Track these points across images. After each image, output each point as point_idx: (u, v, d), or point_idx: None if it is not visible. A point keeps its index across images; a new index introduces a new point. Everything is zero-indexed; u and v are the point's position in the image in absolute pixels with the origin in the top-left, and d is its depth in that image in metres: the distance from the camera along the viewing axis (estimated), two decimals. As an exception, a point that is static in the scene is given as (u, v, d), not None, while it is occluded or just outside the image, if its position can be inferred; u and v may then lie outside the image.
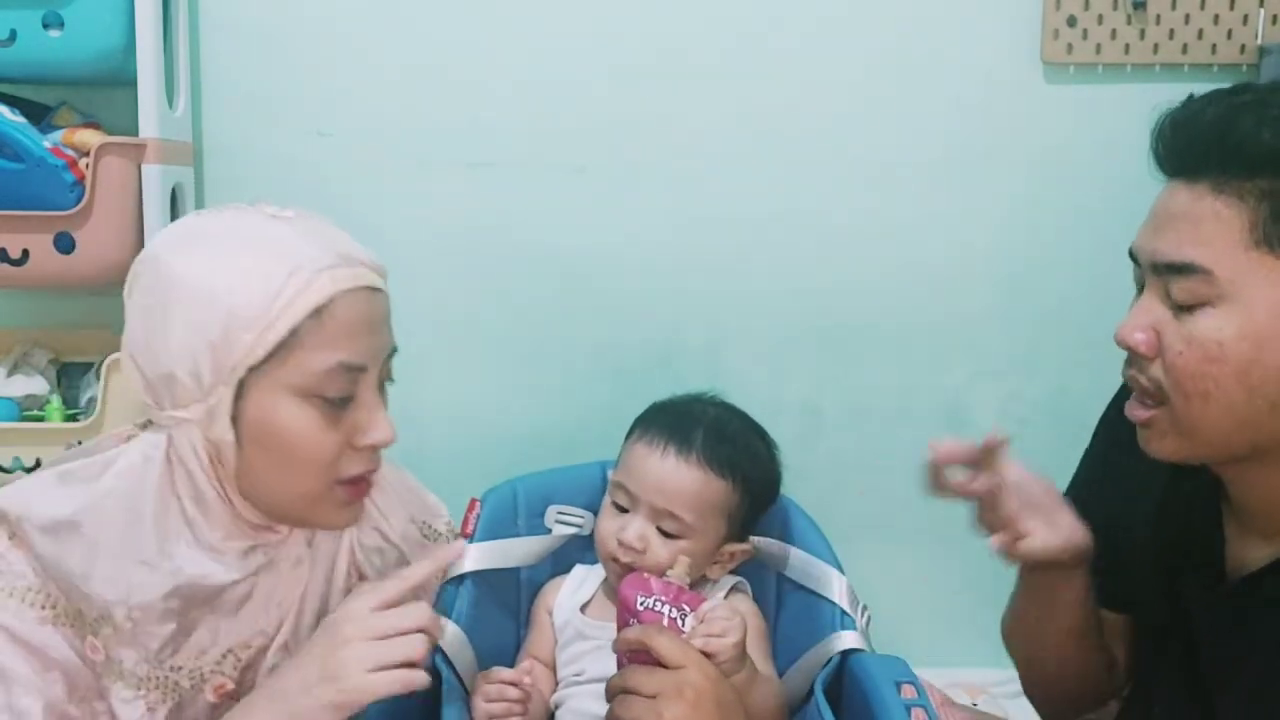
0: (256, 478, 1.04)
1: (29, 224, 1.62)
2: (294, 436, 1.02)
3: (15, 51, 1.62)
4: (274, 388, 1.01)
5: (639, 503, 1.28)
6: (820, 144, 1.83)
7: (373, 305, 1.07)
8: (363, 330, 1.04)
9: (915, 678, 1.10)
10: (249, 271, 1.00)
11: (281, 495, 1.06)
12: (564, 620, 1.33)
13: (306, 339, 1.00)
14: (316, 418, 1.02)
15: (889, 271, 1.85)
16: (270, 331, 0.99)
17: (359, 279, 1.05)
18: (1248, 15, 1.72)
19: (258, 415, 1.01)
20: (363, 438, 1.05)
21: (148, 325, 1.01)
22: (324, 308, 1.01)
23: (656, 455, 1.29)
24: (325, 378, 1.01)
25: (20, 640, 1.00)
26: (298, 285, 1.00)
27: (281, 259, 1.00)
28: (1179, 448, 1.03)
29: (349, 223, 1.83)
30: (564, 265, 1.86)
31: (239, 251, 1.01)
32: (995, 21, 1.79)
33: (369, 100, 1.84)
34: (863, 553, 1.45)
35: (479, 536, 1.34)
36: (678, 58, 1.82)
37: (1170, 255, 1.01)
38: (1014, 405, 1.87)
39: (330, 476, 1.05)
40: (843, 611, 1.25)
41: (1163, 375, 1.01)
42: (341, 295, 1.02)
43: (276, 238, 1.02)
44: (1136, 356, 1.04)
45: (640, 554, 1.27)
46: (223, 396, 1.00)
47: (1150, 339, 1.02)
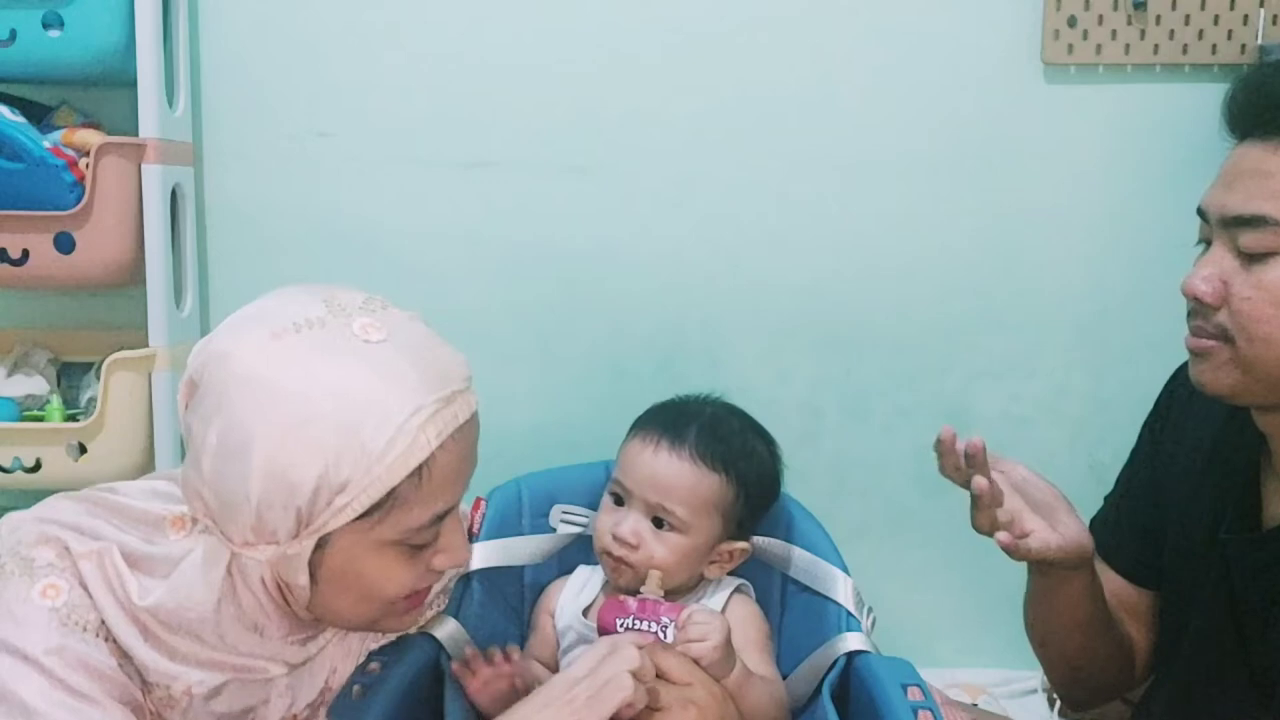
0: (327, 606, 1.03)
1: (29, 224, 1.62)
2: (377, 581, 1.00)
3: (15, 51, 1.62)
4: (361, 540, 0.97)
5: (633, 497, 1.28)
6: (820, 144, 1.83)
7: (470, 438, 1.01)
8: (461, 474, 1.01)
9: (921, 680, 1.10)
10: (342, 430, 0.92)
11: (347, 616, 1.05)
12: (565, 624, 1.33)
13: (404, 498, 0.96)
14: (401, 560, 1.00)
15: (889, 271, 1.85)
16: (365, 495, 0.93)
17: (459, 416, 0.98)
18: (1248, 15, 1.73)
19: (340, 563, 0.98)
20: (439, 561, 1.04)
21: (220, 464, 0.94)
22: (425, 464, 0.95)
23: (650, 450, 1.29)
24: (418, 532, 0.99)
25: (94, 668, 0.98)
26: (398, 449, 0.93)
27: (380, 416, 0.93)
28: (1235, 382, 1.07)
29: (349, 222, 1.85)
30: (564, 265, 1.86)
31: (330, 404, 0.92)
32: (995, 22, 1.79)
33: (369, 100, 1.84)
34: (862, 553, 1.45)
35: (484, 535, 1.34)
36: (678, 58, 1.82)
37: (1240, 208, 1.05)
38: (1014, 405, 1.87)
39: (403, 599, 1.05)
40: (848, 613, 1.25)
41: (1228, 320, 1.06)
42: (441, 446, 0.96)
43: (370, 384, 0.94)
44: (1202, 306, 1.08)
45: (634, 549, 1.27)
46: (303, 549, 0.96)
47: (1217, 289, 1.06)
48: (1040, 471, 1.26)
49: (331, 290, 1.01)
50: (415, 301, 1.86)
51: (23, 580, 0.99)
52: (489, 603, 1.32)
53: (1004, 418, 1.87)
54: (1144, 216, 1.80)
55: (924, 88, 1.81)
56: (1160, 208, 1.78)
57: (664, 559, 1.27)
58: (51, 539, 1.01)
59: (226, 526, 0.96)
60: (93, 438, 1.67)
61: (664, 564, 1.27)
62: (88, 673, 0.97)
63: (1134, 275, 1.81)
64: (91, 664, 0.97)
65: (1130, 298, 1.81)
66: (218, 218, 1.86)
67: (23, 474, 1.67)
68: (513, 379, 1.88)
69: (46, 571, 1.00)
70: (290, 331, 0.95)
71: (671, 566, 1.28)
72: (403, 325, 1.00)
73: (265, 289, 1.82)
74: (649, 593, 1.22)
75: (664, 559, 1.27)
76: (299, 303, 0.98)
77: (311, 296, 0.99)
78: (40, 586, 0.99)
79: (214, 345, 0.97)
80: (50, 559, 1.00)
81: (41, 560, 1.00)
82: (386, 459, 0.93)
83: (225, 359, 0.95)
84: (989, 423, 1.87)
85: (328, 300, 0.98)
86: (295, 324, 0.95)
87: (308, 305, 0.97)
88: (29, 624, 0.96)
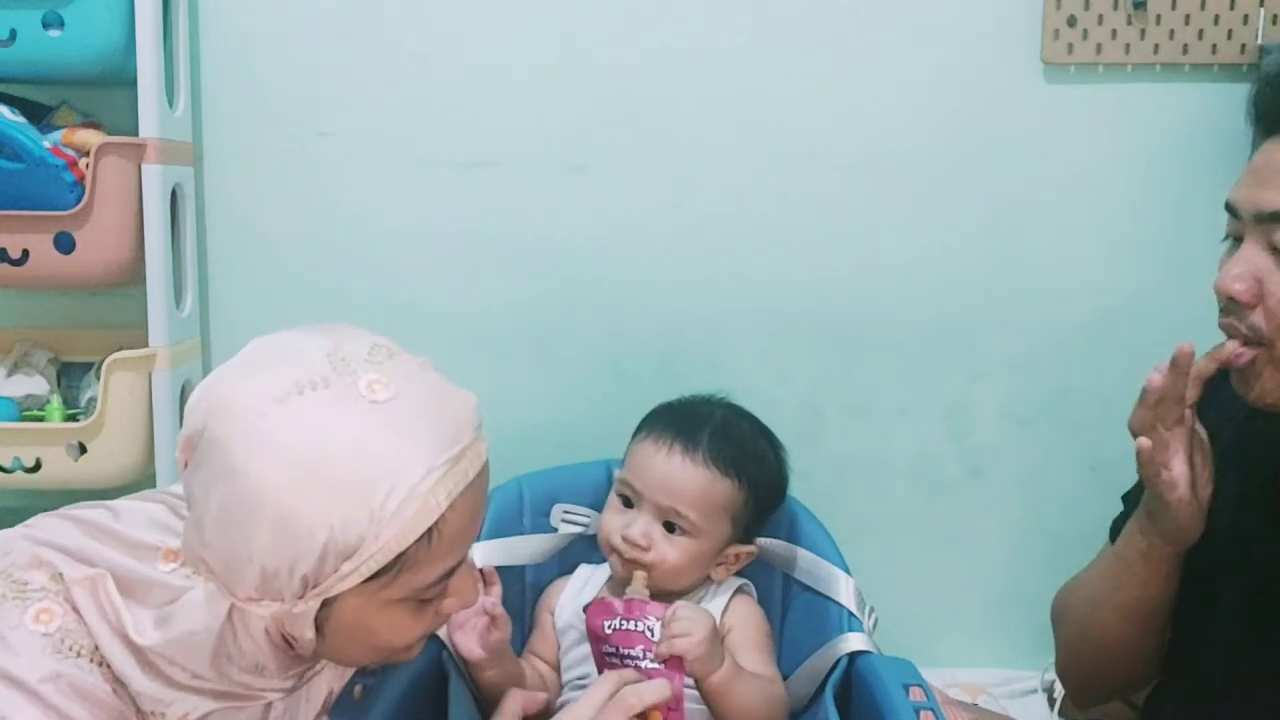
0: (335, 654, 1.02)
1: (29, 224, 1.62)
2: (386, 636, 0.99)
3: (15, 51, 1.61)
4: (370, 601, 0.95)
5: (644, 500, 1.29)
6: (821, 144, 1.82)
7: (481, 491, 0.99)
8: (473, 527, 0.99)
9: (923, 680, 1.11)
10: (350, 495, 0.89)
11: (354, 662, 1.06)
12: (566, 622, 1.33)
13: (413, 560, 0.93)
14: (410, 614, 0.99)
15: (889, 271, 1.85)
16: (373, 560, 0.90)
17: (469, 473, 0.95)
18: (1248, 15, 1.72)
19: (348, 620, 0.96)
20: (448, 606, 1.02)
21: (222, 530, 0.91)
22: (434, 526, 0.93)
23: (663, 453, 1.29)
24: (428, 589, 0.97)
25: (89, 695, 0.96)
26: (409, 513, 0.90)
27: (390, 481, 0.90)
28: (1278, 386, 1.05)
29: (349, 222, 1.85)
30: (564, 264, 1.85)
31: (337, 469, 0.89)
32: (995, 21, 1.79)
33: (369, 100, 1.84)
34: (863, 553, 1.46)
35: (485, 535, 1.34)
36: (678, 58, 1.81)
37: (1276, 205, 1.03)
38: (1014, 405, 1.87)
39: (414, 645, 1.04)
40: (850, 613, 1.26)
41: (1263, 321, 1.04)
42: (451, 506, 0.93)
43: (379, 447, 0.91)
44: (1235, 305, 1.06)
45: (644, 550, 1.27)
46: (309, 608, 0.94)
47: (1251, 287, 1.04)
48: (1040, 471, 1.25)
49: (337, 338, 0.97)
50: (415, 302, 1.87)
51: (15, 604, 0.96)
52: (490, 602, 1.32)
53: (1004, 418, 1.87)
54: (1144, 216, 1.80)
55: (924, 87, 1.81)
56: (1160, 207, 1.78)
57: (674, 562, 1.27)
58: (44, 563, 0.99)
59: (230, 584, 0.93)
60: (93, 438, 1.67)
61: (674, 567, 1.27)
62: (83, 700, 0.95)
63: (1134, 275, 1.81)
64: (87, 691, 0.95)
65: (1131, 297, 1.81)
66: (218, 218, 1.86)
67: (23, 474, 1.67)
68: (513, 379, 1.88)
69: (40, 596, 0.97)
70: (294, 394, 0.91)
71: (681, 569, 1.28)
72: (411, 377, 0.97)
73: (265, 288, 1.85)
74: (634, 593, 1.22)
75: (674, 562, 1.27)
76: (301, 356, 0.95)
77: (314, 348, 0.95)
78: (33, 611, 0.96)
79: (214, 401, 0.93)
80: (43, 583, 0.98)
81: (35, 584, 0.98)
82: (396, 524, 0.90)
83: (226, 419, 0.91)
84: (989, 423, 1.87)
85: (331, 354, 0.95)
86: (299, 385, 0.92)
87: (311, 360, 0.94)
88: (22, 650, 0.94)
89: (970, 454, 1.88)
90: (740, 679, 1.19)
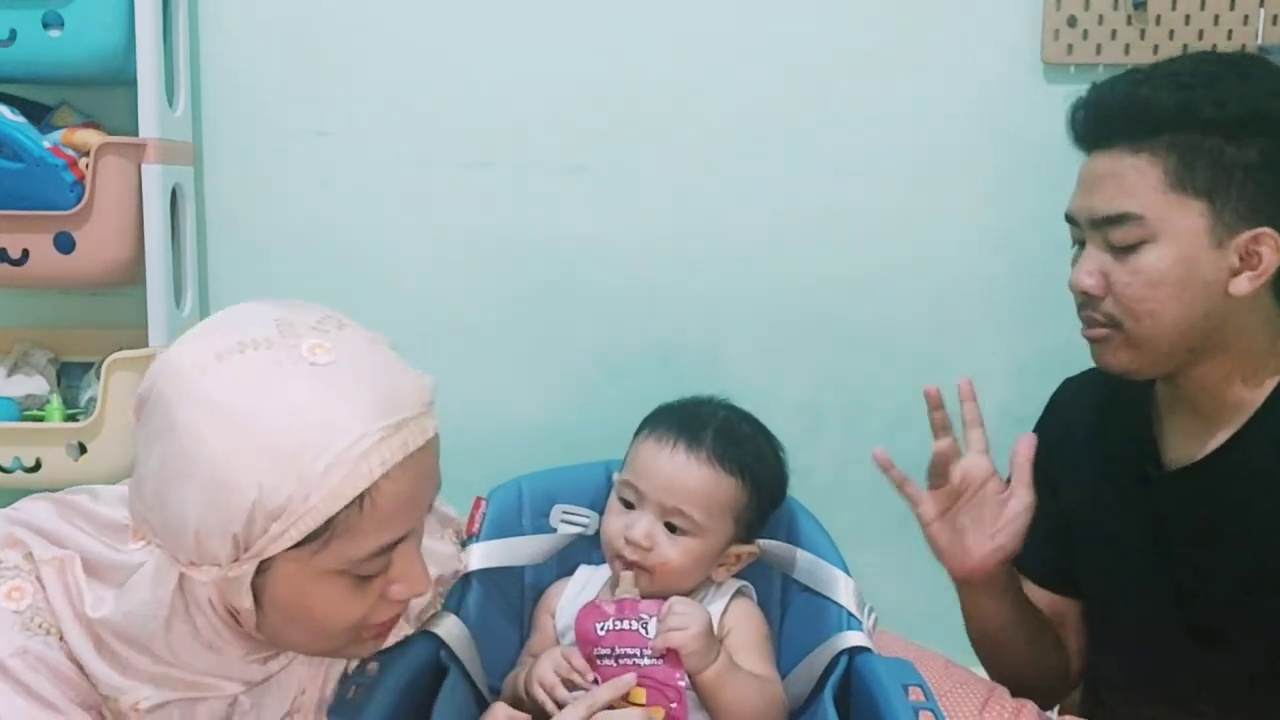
0: (277, 632, 0.99)
1: (29, 224, 1.62)
2: (323, 611, 0.96)
3: (15, 51, 1.62)
4: (303, 569, 0.92)
5: (647, 500, 1.28)
6: (820, 144, 1.83)
7: (424, 466, 0.96)
8: (415, 503, 0.96)
9: (923, 680, 1.11)
10: (279, 454, 0.88)
11: (304, 646, 1.02)
12: (566, 624, 1.33)
13: (345, 528, 0.91)
14: (349, 591, 0.96)
15: (889, 271, 1.85)
16: (302, 523, 0.89)
17: (409, 444, 0.93)
18: (1248, 15, 1.73)
19: (284, 591, 0.94)
20: (396, 591, 0.99)
21: (160, 484, 0.91)
22: (366, 494, 0.90)
23: (666, 452, 1.29)
24: (364, 562, 0.94)
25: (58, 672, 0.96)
26: (337, 477, 0.88)
27: (319, 442, 0.88)
28: (1133, 359, 1.22)
29: (348, 222, 1.85)
30: (564, 264, 1.86)
31: (268, 428, 0.88)
32: (995, 21, 1.79)
33: (369, 100, 1.84)
34: (862, 553, 1.45)
35: (484, 535, 1.34)
36: (677, 58, 1.82)
37: (1105, 209, 1.20)
38: (1014, 405, 1.86)
39: (357, 629, 1.00)
40: (849, 613, 1.26)
41: (1114, 307, 1.20)
42: (387, 475, 0.91)
43: (311, 408, 0.89)
44: (1090, 299, 1.23)
45: (647, 551, 1.26)
46: (243, 572, 0.92)
47: (1099, 281, 1.21)
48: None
49: (290, 308, 0.96)
50: (415, 302, 1.87)
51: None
52: (489, 603, 1.32)
53: (1004, 418, 1.86)
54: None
55: (924, 87, 1.81)
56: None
57: (677, 563, 1.27)
58: (18, 542, 1.01)
59: (171, 547, 0.93)
60: (93, 438, 1.67)
61: (677, 567, 1.27)
62: (52, 676, 0.95)
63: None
64: (54, 667, 0.96)
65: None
66: (218, 218, 1.86)
67: (23, 474, 1.67)
68: (512, 379, 1.88)
69: (13, 574, 0.99)
70: (235, 352, 0.91)
71: (684, 570, 1.28)
72: (356, 347, 0.95)
73: (265, 288, 1.84)
74: (624, 593, 1.22)
75: (677, 563, 1.27)
76: (251, 320, 0.94)
77: (265, 314, 0.95)
78: (5, 588, 0.97)
79: (163, 362, 0.94)
80: (16, 561, 1.00)
81: (8, 562, 1.00)
82: (325, 487, 0.88)
83: (171, 378, 0.91)
84: (989, 423, 1.85)
85: (280, 320, 0.94)
86: (241, 344, 0.91)
87: (259, 324, 0.93)
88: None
89: (970, 454, 1.88)
90: (735, 675, 1.19)
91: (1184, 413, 1.27)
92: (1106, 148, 1.21)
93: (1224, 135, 1.14)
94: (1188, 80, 1.16)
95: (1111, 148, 1.20)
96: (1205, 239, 1.15)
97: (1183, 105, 1.15)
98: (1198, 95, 1.15)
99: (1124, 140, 1.19)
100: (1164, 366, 1.23)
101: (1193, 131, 1.15)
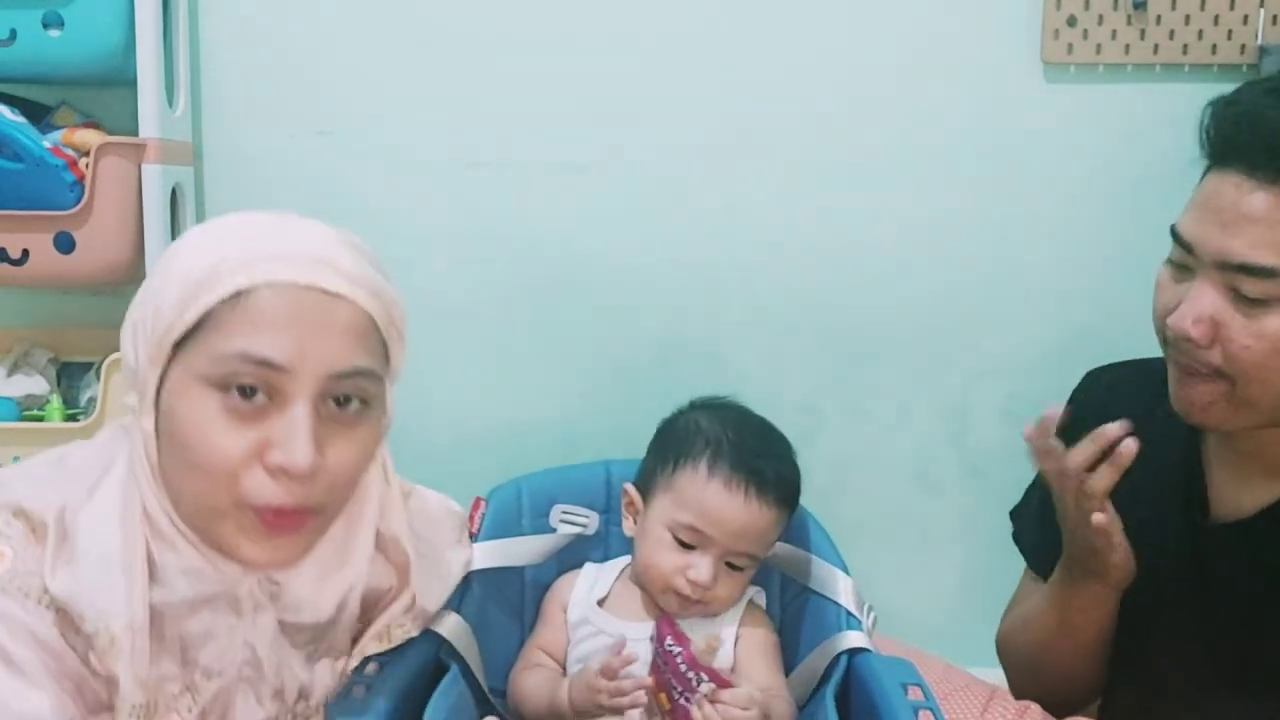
0: (170, 478, 0.99)
1: (29, 224, 1.62)
2: (193, 428, 0.95)
3: (15, 51, 1.62)
4: (187, 373, 0.96)
5: (712, 542, 1.26)
6: (820, 144, 1.82)
7: (310, 306, 0.97)
8: (286, 325, 0.96)
9: (922, 680, 1.11)
10: (189, 257, 0.99)
11: (190, 502, 0.99)
12: (580, 616, 1.32)
13: (221, 323, 0.95)
14: (219, 412, 0.95)
15: (889, 271, 1.85)
16: (188, 311, 0.95)
17: (300, 276, 0.97)
18: (1248, 15, 1.72)
19: (170, 402, 0.97)
20: (271, 456, 0.95)
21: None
22: (244, 293, 0.95)
23: (739, 500, 1.26)
24: (229, 363, 0.94)
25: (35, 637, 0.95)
26: (225, 270, 0.96)
27: (221, 248, 0.98)
28: (1230, 419, 1.11)
29: (348, 222, 1.84)
30: (565, 264, 1.85)
31: (186, 249, 1.01)
32: (995, 21, 1.79)
33: (369, 100, 1.84)
34: (862, 552, 1.45)
35: (484, 535, 1.34)
36: (678, 57, 1.82)
37: (1246, 256, 1.04)
38: (1014, 405, 1.87)
39: (233, 490, 0.96)
40: (848, 613, 1.26)
41: (1222, 360, 1.07)
42: (269, 286, 0.96)
43: (236, 232, 1.01)
44: (1190, 342, 1.08)
45: (707, 589, 1.26)
46: (149, 380, 0.98)
47: (1208, 329, 1.07)
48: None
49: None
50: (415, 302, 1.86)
51: None
52: (489, 602, 1.32)
53: (1004, 418, 1.87)
54: (1143, 216, 1.79)
55: (923, 87, 1.81)
56: (1159, 208, 1.77)
57: (733, 596, 1.29)
58: (2, 504, 1.00)
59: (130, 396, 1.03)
60: (93, 438, 1.66)
61: (729, 600, 1.28)
62: (32, 642, 0.95)
63: (1133, 274, 1.80)
64: (35, 632, 0.95)
65: (1130, 297, 1.81)
66: (217, 218, 1.86)
67: (22, 474, 1.67)
68: (512, 378, 1.88)
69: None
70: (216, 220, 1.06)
71: (735, 599, 1.30)
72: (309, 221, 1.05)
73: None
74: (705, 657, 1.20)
75: (733, 596, 1.29)
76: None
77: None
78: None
79: None
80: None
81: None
82: (210, 277, 0.96)
83: None
84: (989, 423, 1.87)
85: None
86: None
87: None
88: None
89: (970, 454, 1.89)
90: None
91: (1237, 463, 1.19)
92: (1259, 180, 1.05)
93: None
94: None
95: (1269, 183, 1.04)
96: None
97: None
98: None
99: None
100: (1252, 428, 1.13)
101: None
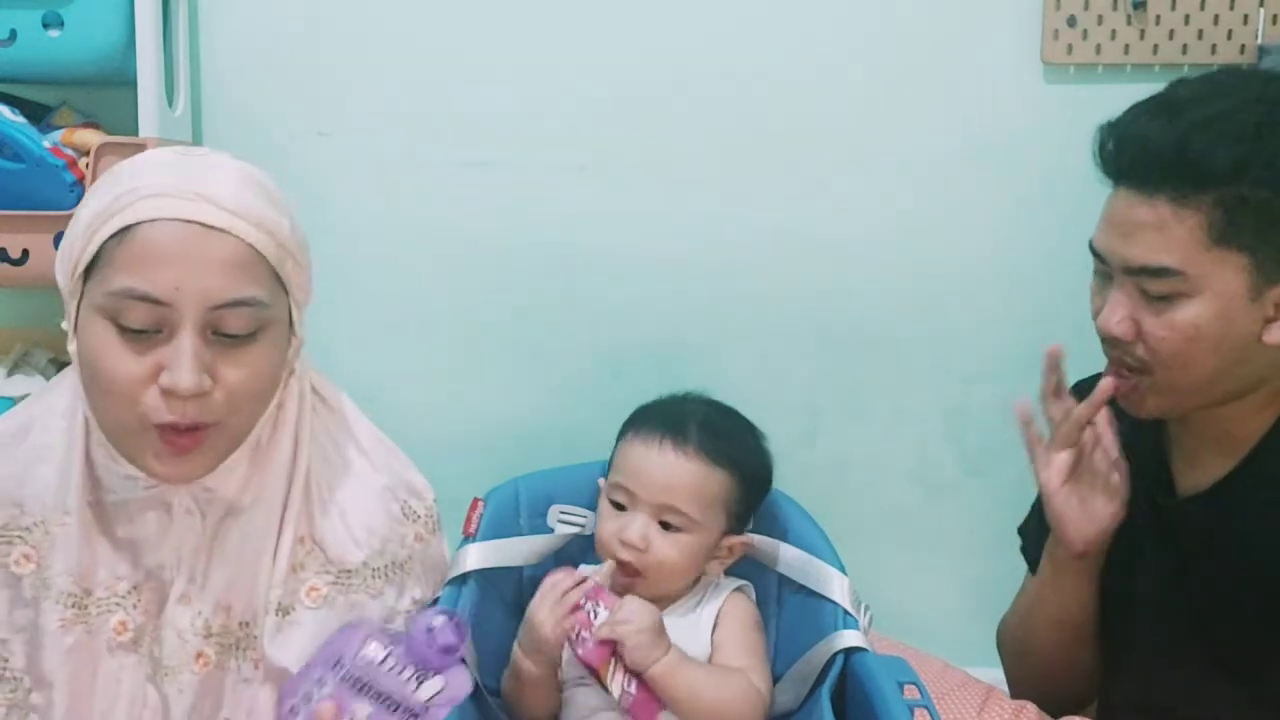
0: (89, 398, 1.08)
1: (29, 224, 1.62)
2: (94, 356, 1.04)
3: (15, 51, 1.62)
4: (90, 305, 1.04)
5: (639, 500, 1.29)
6: (820, 145, 1.83)
7: (190, 240, 1.02)
8: (165, 261, 1.02)
9: (918, 678, 1.11)
10: (97, 192, 1.06)
11: (105, 424, 1.08)
12: None
13: (112, 258, 1.02)
14: (115, 342, 1.03)
15: (889, 271, 1.85)
16: (90, 246, 1.03)
17: (180, 211, 1.02)
18: (1248, 15, 1.73)
19: (79, 330, 1.06)
20: (163, 379, 1.02)
21: None
22: (130, 229, 1.02)
23: (655, 451, 1.29)
24: (116, 300, 1.02)
25: None
26: (116, 207, 1.02)
27: (120, 184, 1.04)
28: (1163, 405, 1.22)
29: (348, 222, 1.85)
30: (564, 265, 1.86)
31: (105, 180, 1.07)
32: (995, 22, 1.79)
33: (369, 100, 1.84)
34: (860, 552, 1.45)
35: (482, 535, 1.34)
36: (678, 58, 1.82)
37: (1144, 260, 1.15)
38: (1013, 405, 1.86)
39: (136, 412, 1.03)
40: (845, 612, 1.26)
41: (1146, 354, 1.18)
42: (152, 222, 1.02)
43: (139, 169, 1.06)
44: (1120, 342, 1.20)
45: (643, 552, 1.27)
46: (70, 308, 1.07)
47: (1130, 327, 1.18)
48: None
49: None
50: (415, 301, 1.87)
51: None
52: (486, 602, 1.32)
53: (1004, 417, 1.86)
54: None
55: (923, 88, 1.81)
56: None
57: (675, 560, 1.28)
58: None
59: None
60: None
61: (675, 565, 1.28)
62: None
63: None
64: None
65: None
66: (218, 218, 1.86)
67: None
68: (511, 379, 1.88)
69: None
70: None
71: (682, 567, 1.29)
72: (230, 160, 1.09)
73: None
74: (602, 580, 1.25)
75: (675, 560, 1.28)
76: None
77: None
78: None
79: None
80: None
81: None
82: (102, 218, 1.02)
83: None
84: (989, 423, 1.87)
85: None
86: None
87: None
88: None
89: (970, 454, 1.89)
90: (684, 670, 1.19)
91: (1192, 440, 1.27)
92: (1145, 194, 1.15)
93: (1273, 189, 1.10)
94: (1238, 131, 1.11)
95: (1152, 195, 1.14)
96: (1245, 293, 1.13)
97: (1238, 165, 1.10)
98: (1250, 151, 1.10)
99: (1168, 190, 1.13)
100: (1190, 410, 1.22)
101: (1241, 186, 1.10)
